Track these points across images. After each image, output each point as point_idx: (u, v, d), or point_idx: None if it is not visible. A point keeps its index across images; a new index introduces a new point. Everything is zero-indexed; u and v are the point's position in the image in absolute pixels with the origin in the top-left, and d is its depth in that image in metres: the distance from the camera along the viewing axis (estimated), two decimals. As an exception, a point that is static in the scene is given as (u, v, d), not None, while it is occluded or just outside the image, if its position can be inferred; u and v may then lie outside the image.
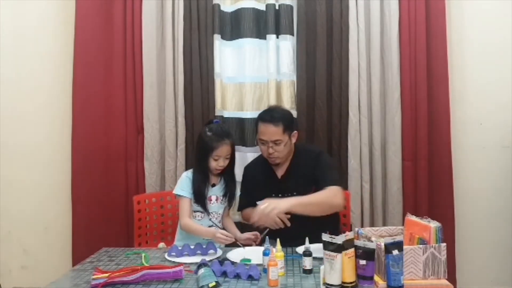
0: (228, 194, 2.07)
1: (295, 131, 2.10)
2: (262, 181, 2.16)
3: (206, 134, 1.98)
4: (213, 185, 2.06)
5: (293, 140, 2.10)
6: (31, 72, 2.72)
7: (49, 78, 2.74)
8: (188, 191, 2.00)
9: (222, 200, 2.06)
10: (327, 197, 1.92)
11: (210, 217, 2.02)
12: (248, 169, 2.28)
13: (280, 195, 2.05)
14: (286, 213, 1.85)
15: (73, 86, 2.70)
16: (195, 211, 2.03)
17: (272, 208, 1.81)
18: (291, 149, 2.12)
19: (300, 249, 1.82)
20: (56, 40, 2.74)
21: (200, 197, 2.00)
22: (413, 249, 1.46)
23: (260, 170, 2.18)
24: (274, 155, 2.03)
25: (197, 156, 2.05)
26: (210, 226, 2.01)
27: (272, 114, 2.04)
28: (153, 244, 2.29)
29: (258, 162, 2.24)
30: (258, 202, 1.98)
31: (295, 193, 2.05)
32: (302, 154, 2.14)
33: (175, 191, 2.03)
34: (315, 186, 1.99)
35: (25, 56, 2.71)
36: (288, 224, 1.85)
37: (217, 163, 1.97)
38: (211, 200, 2.03)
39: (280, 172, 2.14)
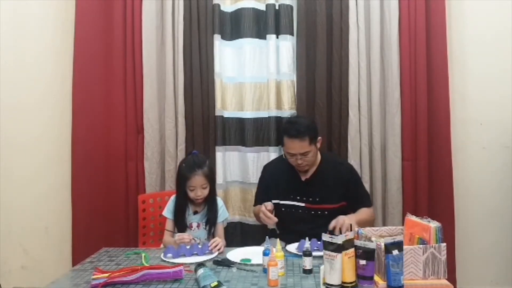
0: (209, 222, 2.08)
1: (319, 137, 2.13)
2: (284, 182, 2.18)
3: (182, 165, 2.08)
4: (195, 213, 2.09)
5: (318, 145, 2.13)
6: (31, 73, 2.71)
7: (49, 78, 2.73)
8: (172, 213, 2.10)
9: (204, 226, 2.08)
10: (371, 218, 2.21)
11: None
12: (268, 168, 2.31)
13: (304, 198, 2.12)
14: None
15: (73, 86, 2.70)
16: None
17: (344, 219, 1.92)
18: (317, 154, 2.15)
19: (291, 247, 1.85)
20: (56, 40, 2.73)
21: (179, 225, 2.05)
22: (413, 249, 1.46)
23: (282, 170, 2.19)
24: (303, 164, 2.07)
25: (176, 186, 2.13)
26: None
27: (297, 128, 2.02)
28: (157, 244, 2.29)
29: (280, 162, 2.26)
30: (274, 201, 2.10)
31: (317, 199, 2.11)
32: (329, 162, 2.20)
33: (163, 212, 2.14)
34: (348, 200, 2.13)
35: (25, 56, 2.70)
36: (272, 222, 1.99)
37: (194, 193, 2.02)
38: (192, 227, 2.07)
39: (304, 176, 2.15)
